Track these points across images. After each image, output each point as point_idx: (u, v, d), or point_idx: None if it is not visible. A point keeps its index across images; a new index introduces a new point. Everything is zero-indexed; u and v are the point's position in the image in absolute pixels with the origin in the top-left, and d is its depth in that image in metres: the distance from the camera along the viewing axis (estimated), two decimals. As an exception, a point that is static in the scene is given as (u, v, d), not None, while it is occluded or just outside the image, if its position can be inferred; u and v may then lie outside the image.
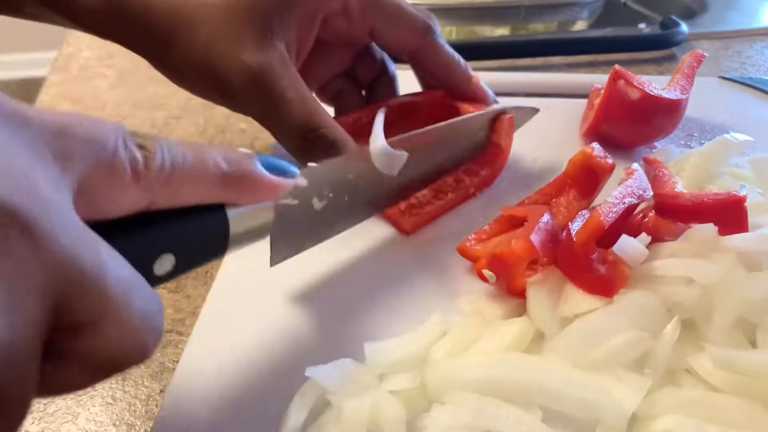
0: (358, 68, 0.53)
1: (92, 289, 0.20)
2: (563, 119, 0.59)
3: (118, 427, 0.35)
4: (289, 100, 0.43)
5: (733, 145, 0.47)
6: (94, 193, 0.23)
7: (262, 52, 0.43)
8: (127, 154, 0.24)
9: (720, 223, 0.35)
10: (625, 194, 0.37)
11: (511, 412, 0.30)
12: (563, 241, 0.36)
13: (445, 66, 0.49)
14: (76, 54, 0.76)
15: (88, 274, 0.20)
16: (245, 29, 0.43)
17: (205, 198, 0.28)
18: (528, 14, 0.95)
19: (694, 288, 0.33)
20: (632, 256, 0.35)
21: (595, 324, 0.33)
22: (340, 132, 0.43)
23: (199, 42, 0.43)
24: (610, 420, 0.30)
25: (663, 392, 0.32)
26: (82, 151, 0.22)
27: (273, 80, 0.42)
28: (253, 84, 0.42)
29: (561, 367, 0.32)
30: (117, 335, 0.22)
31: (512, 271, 0.36)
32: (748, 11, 0.92)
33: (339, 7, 0.46)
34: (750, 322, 0.33)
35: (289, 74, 0.43)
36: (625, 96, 0.50)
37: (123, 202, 0.24)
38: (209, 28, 0.43)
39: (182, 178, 0.26)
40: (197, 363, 0.36)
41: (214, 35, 0.43)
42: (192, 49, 0.44)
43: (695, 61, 0.54)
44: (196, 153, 0.26)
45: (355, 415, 0.31)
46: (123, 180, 0.24)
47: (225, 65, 0.43)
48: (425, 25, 0.48)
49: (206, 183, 0.27)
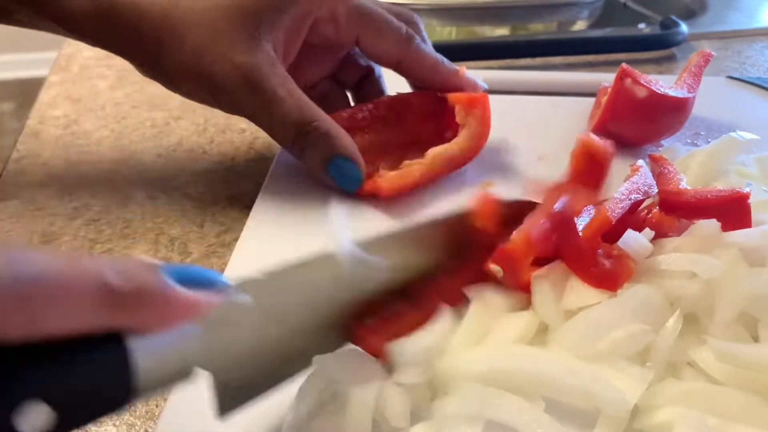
0: (345, 70, 0.54)
1: None
2: (570, 118, 0.59)
3: (118, 427, 0.34)
4: (280, 97, 0.44)
5: (739, 143, 0.47)
6: None
7: (250, 54, 0.44)
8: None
9: (724, 219, 0.36)
10: (631, 190, 0.37)
11: (515, 402, 0.30)
12: (568, 235, 0.36)
13: (430, 68, 0.51)
14: (76, 54, 0.75)
15: None
16: (235, 32, 0.44)
17: (86, 325, 0.20)
18: (528, 14, 0.95)
19: (697, 282, 0.34)
20: (637, 250, 0.35)
21: (598, 316, 0.33)
22: (332, 123, 0.45)
23: (190, 46, 0.44)
24: (612, 411, 0.30)
25: (664, 384, 0.32)
26: None
27: (263, 80, 0.44)
28: (245, 85, 0.44)
29: (564, 359, 0.32)
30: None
31: (517, 265, 0.36)
32: (748, 11, 0.92)
33: (327, 14, 0.47)
34: (752, 317, 0.33)
35: (277, 73, 0.45)
36: (632, 94, 0.51)
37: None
38: (200, 32, 0.44)
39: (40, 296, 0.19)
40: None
41: (205, 39, 0.44)
42: (183, 53, 0.45)
43: (702, 60, 0.55)
44: (70, 262, 0.20)
45: (361, 404, 0.31)
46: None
47: (217, 68, 0.44)
48: (408, 33, 0.49)
49: (83, 303, 0.20)
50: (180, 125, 0.63)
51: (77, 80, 0.70)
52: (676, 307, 0.34)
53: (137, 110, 0.65)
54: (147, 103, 0.66)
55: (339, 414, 0.31)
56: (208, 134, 0.61)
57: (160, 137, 0.61)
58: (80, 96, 0.67)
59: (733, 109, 0.60)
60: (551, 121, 0.58)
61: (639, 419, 0.31)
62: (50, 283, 0.19)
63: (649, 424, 0.31)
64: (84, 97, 0.67)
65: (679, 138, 0.56)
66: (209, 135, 0.61)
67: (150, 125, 0.63)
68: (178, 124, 0.63)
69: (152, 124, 0.63)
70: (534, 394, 0.31)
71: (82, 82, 0.70)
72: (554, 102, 0.61)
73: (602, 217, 0.35)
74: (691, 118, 0.54)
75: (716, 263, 0.33)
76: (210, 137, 0.61)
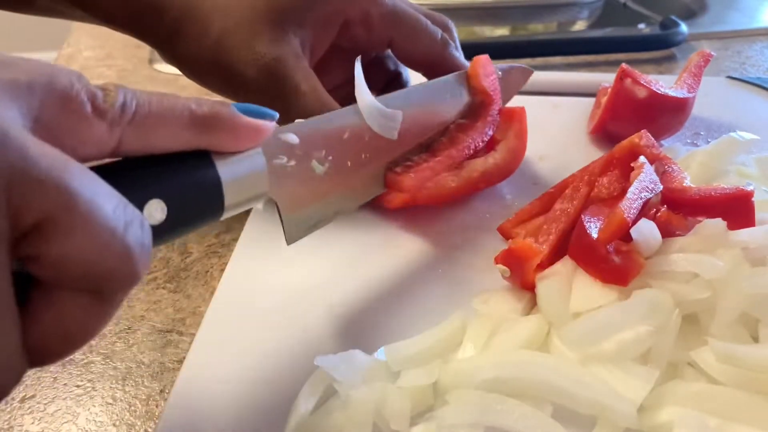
0: (372, 73, 0.52)
1: (48, 178, 0.19)
2: (571, 117, 0.59)
3: (118, 427, 0.34)
4: (303, 92, 0.43)
5: (739, 143, 0.47)
6: (55, 126, 0.22)
7: (276, 45, 0.43)
8: (83, 88, 0.23)
9: (727, 217, 0.36)
10: (641, 189, 0.37)
11: (517, 408, 0.30)
12: (578, 233, 0.36)
13: None
14: (76, 54, 0.75)
15: (42, 163, 0.19)
16: (260, 22, 0.43)
17: (179, 141, 0.27)
18: (528, 14, 0.95)
19: (700, 283, 0.34)
20: (649, 240, 0.35)
21: (604, 318, 0.33)
22: None
23: (213, 32, 0.43)
24: (618, 411, 0.30)
25: (665, 385, 0.32)
26: (31, 81, 0.22)
27: (287, 72, 0.43)
28: (267, 76, 0.43)
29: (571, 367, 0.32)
30: (88, 240, 0.20)
31: (526, 265, 0.36)
32: (748, 11, 0.92)
33: (359, 15, 0.45)
34: (752, 317, 0.33)
35: (302, 67, 0.43)
36: (632, 94, 0.51)
37: (89, 138, 0.23)
38: (224, 18, 0.43)
39: (150, 117, 0.25)
40: (205, 356, 0.36)
41: (229, 26, 0.43)
42: (205, 40, 0.43)
43: (702, 61, 0.55)
44: (163, 96, 0.26)
45: (362, 405, 0.31)
46: (82, 113, 0.23)
47: (238, 57, 0.43)
48: (443, 39, 0.48)
49: (177, 123, 0.26)
50: (180, 125, 0.62)
51: (77, 80, 0.70)
52: (681, 308, 0.34)
53: (137, 110, 0.65)
54: (147, 103, 0.66)
55: (340, 411, 0.31)
56: (208, 134, 0.61)
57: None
58: (80, 96, 0.67)
59: (733, 109, 0.60)
60: (551, 121, 0.58)
61: (640, 419, 0.31)
62: (154, 107, 0.25)
63: (649, 424, 0.31)
64: (84, 97, 0.67)
65: (679, 138, 0.56)
66: (209, 135, 0.61)
67: (150, 125, 0.62)
68: (178, 124, 0.63)
69: (152, 124, 0.63)
70: (541, 399, 0.31)
71: (81, 82, 0.70)
72: (554, 102, 0.61)
73: (619, 219, 0.35)
74: (691, 118, 0.54)
75: (719, 264, 0.33)
76: (210, 137, 0.61)
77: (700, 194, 0.38)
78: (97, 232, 0.20)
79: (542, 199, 0.44)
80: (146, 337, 0.40)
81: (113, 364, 0.38)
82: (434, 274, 0.41)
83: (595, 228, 0.36)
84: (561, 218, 0.40)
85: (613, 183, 0.41)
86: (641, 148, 0.42)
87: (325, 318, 0.38)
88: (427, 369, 0.33)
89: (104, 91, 0.24)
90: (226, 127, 0.28)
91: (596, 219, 0.37)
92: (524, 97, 0.62)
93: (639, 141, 0.43)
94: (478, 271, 0.41)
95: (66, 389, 0.36)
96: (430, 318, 0.37)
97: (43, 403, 0.36)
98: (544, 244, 0.38)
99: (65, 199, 0.20)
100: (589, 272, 0.35)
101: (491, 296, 0.38)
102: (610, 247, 0.35)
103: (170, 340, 0.39)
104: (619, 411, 0.30)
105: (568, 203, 0.41)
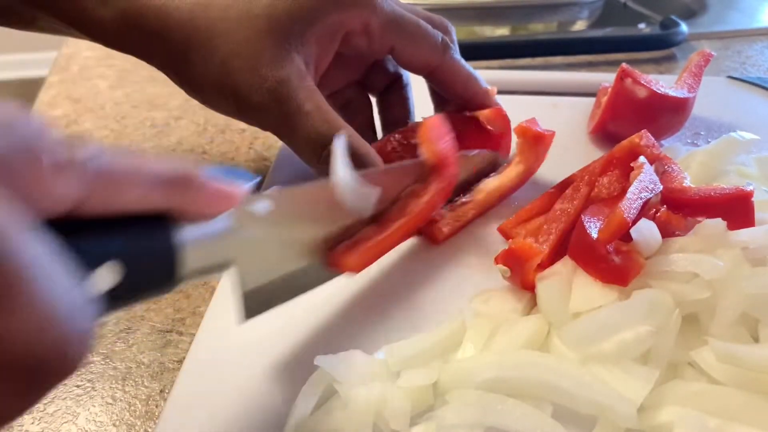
0: (372, 76, 0.52)
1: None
2: (571, 117, 0.59)
3: (118, 427, 0.34)
4: (307, 112, 0.42)
5: (739, 143, 0.47)
6: (15, 174, 0.21)
7: (279, 66, 0.42)
8: (49, 139, 0.21)
9: (727, 217, 0.36)
10: (640, 189, 0.37)
11: (518, 407, 0.30)
12: (578, 233, 0.36)
13: (463, 82, 0.49)
14: (76, 54, 0.75)
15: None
16: (264, 44, 0.43)
17: (145, 202, 0.25)
18: (528, 14, 0.95)
19: (700, 283, 0.34)
20: (648, 240, 0.35)
21: (603, 318, 0.33)
22: (360, 139, 0.43)
23: (217, 56, 0.43)
24: (618, 411, 0.30)
25: (666, 385, 0.32)
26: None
27: (290, 93, 0.42)
28: (271, 98, 0.42)
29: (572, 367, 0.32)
30: (24, 323, 0.18)
31: (526, 265, 0.36)
32: (748, 11, 0.92)
33: (360, 26, 0.45)
34: (752, 317, 0.33)
35: (305, 87, 0.43)
36: (633, 94, 0.51)
37: (50, 191, 0.22)
38: (227, 42, 0.43)
39: (116, 174, 0.24)
40: (205, 356, 0.36)
41: (233, 50, 0.43)
42: (209, 63, 0.43)
43: (703, 60, 0.55)
44: (131, 154, 0.25)
45: (362, 405, 0.31)
46: (45, 164, 0.21)
47: (243, 80, 0.43)
48: (444, 43, 0.48)
49: (145, 182, 0.25)
50: (180, 125, 0.63)
51: (77, 80, 0.70)
52: (681, 308, 0.34)
53: (137, 110, 0.65)
54: (147, 103, 0.66)
55: (341, 410, 0.31)
56: (208, 134, 0.61)
57: (160, 137, 0.61)
58: (80, 96, 0.67)
59: (733, 109, 0.60)
60: (551, 121, 0.58)
61: (640, 419, 0.31)
62: (121, 163, 0.24)
63: (649, 424, 0.31)
64: (84, 97, 0.67)
65: (679, 138, 0.56)
66: (209, 135, 0.61)
67: (150, 125, 0.63)
68: (178, 124, 0.63)
69: (152, 124, 0.63)
70: (541, 399, 0.31)
71: (82, 82, 0.70)
72: (554, 102, 0.61)
73: (619, 219, 0.35)
74: (691, 118, 0.54)
75: (719, 264, 0.33)
76: (210, 137, 0.61)
77: (700, 194, 0.38)
78: (35, 318, 0.18)
79: (542, 199, 0.44)
80: (146, 337, 0.40)
81: (113, 364, 0.38)
82: (434, 274, 0.42)
83: (595, 228, 0.36)
84: (561, 218, 0.40)
85: (613, 183, 0.42)
86: (641, 148, 0.42)
87: (325, 318, 0.38)
88: (427, 369, 0.33)
89: (70, 144, 0.23)
90: (193, 187, 0.27)
91: (596, 219, 0.37)
92: (524, 97, 0.63)
93: (639, 141, 0.43)
94: (478, 271, 0.41)
95: (66, 389, 0.36)
96: (430, 318, 0.37)
97: (43, 403, 0.36)
98: (544, 244, 0.38)
99: (11, 272, 0.17)
100: (589, 272, 0.36)
101: (491, 296, 0.38)
102: (610, 247, 0.35)
103: (170, 340, 0.39)
104: (619, 411, 0.30)
105: (568, 203, 0.41)
